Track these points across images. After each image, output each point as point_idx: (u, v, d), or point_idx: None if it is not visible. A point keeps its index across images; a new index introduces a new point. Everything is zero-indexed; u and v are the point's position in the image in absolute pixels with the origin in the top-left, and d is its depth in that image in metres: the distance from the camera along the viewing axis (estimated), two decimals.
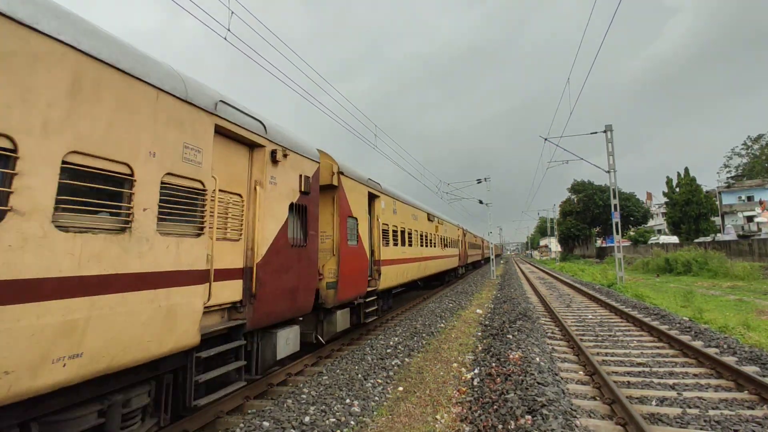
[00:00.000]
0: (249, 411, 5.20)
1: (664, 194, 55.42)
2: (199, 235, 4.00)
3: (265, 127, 5.33)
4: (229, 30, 7.26)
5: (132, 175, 3.28)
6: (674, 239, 48.00)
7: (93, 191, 3.05)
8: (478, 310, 13.56)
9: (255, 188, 5.12)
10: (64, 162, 2.79)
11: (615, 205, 20.10)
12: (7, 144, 2.50)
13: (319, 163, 6.86)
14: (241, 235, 4.88)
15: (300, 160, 6.16)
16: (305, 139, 6.70)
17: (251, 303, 4.83)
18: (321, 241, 7.49)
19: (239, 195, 4.97)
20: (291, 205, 5.85)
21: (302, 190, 6.11)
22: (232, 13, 7.47)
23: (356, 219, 8.56)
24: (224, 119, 4.54)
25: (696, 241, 40.88)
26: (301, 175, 6.13)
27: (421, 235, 15.19)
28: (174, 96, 3.78)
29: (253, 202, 5.07)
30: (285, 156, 5.64)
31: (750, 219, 51.53)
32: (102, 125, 3.05)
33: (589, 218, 67.37)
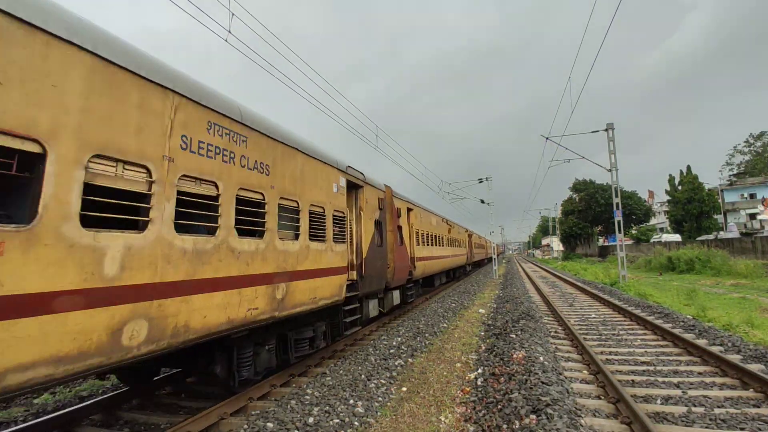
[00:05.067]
0: (253, 412, 5.19)
1: (666, 192, 55.33)
2: None
3: None
4: (230, 32, 7.26)
5: None
6: (677, 237, 47.82)
7: None
8: (481, 310, 13.55)
9: None
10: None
11: (617, 204, 20.06)
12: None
13: None
14: None
15: None
16: None
17: None
18: None
19: None
20: None
21: None
22: (233, 15, 7.48)
23: None
24: None
25: (698, 239, 40.72)
26: None
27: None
28: None
29: None
30: None
31: (752, 216, 51.36)
32: None
33: (591, 217, 67.26)
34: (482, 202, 33.87)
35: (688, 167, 51.11)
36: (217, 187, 4.43)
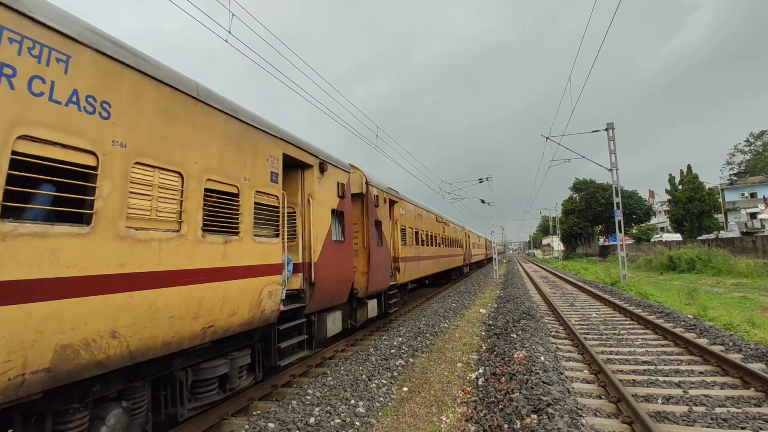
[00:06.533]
0: (254, 412, 5.20)
1: (667, 192, 55.33)
2: None
3: None
4: (230, 32, 7.27)
5: None
6: (677, 237, 47.81)
7: None
8: (482, 310, 13.55)
9: None
10: None
11: (618, 203, 20.05)
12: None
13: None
14: None
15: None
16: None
17: None
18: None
19: None
20: None
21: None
22: (233, 15, 7.48)
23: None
24: None
25: (699, 238, 40.69)
26: None
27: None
28: None
29: None
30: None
31: (753, 216, 51.29)
32: None
33: (592, 216, 67.26)
34: (482, 201, 33.87)
35: (689, 166, 51.09)
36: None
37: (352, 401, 5.44)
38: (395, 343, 8.64)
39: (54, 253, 2.79)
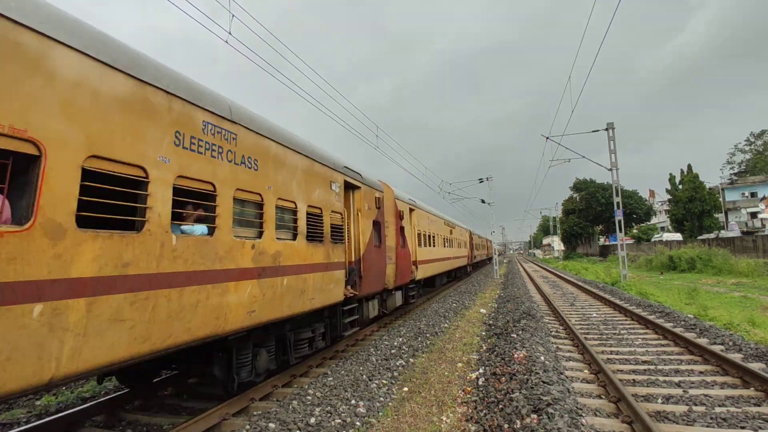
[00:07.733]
0: (255, 413, 5.20)
1: (667, 191, 55.32)
2: None
3: None
4: (230, 33, 7.28)
5: None
6: (678, 236, 47.80)
7: None
8: (482, 310, 13.55)
9: None
10: None
11: (618, 203, 20.05)
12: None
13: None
14: None
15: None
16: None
17: None
18: None
19: None
20: None
21: None
22: (233, 16, 7.49)
23: None
24: None
25: (699, 238, 40.70)
26: None
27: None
28: None
29: None
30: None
31: (754, 215, 51.28)
32: None
33: (592, 216, 67.24)
34: (483, 201, 33.87)
35: (689, 166, 51.07)
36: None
37: (353, 401, 5.45)
38: (395, 343, 8.64)
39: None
